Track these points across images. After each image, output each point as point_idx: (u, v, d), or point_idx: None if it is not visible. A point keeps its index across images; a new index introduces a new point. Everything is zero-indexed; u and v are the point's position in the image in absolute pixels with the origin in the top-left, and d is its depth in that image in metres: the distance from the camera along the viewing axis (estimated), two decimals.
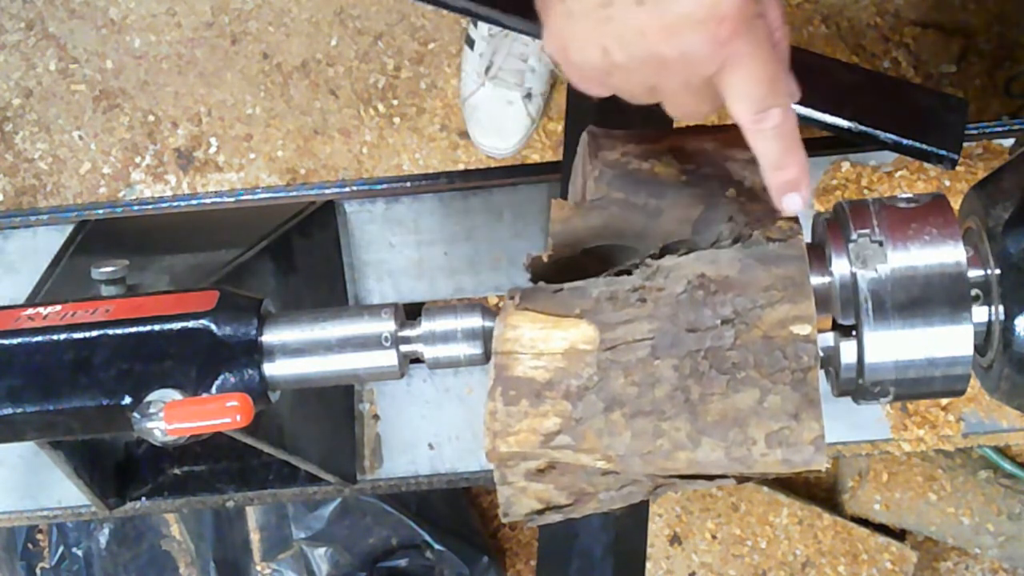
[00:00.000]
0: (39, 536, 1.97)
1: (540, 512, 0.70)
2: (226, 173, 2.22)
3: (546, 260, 0.73)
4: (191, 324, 0.74)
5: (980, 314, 0.71)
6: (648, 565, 1.71)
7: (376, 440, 1.31)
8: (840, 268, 0.70)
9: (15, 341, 0.75)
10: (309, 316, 0.76)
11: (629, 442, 0.65)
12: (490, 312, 0.75)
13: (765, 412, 0.64)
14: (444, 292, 1.31)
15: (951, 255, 0.69)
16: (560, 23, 0.63)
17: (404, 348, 0.75)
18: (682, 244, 0.70)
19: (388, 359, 0.75)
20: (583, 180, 0.77)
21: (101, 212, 1.31)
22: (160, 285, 1.05)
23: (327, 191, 1.30)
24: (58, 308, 0.77)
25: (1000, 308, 0.71)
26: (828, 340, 0.71)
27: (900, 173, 1.26)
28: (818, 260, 0.71)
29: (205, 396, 0.72)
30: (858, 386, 0.71)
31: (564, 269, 0.72)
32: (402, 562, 1.89)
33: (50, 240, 1.29)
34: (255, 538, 1.89)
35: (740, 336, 0.65)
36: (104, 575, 1.93)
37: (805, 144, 0.67)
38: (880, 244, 0.69)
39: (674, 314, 0.66)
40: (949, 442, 1.26)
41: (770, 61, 0.63)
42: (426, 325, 0.75)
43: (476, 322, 0.74)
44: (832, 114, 1.12)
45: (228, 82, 2.24)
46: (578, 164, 0.79)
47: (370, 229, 1.31)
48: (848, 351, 0.71)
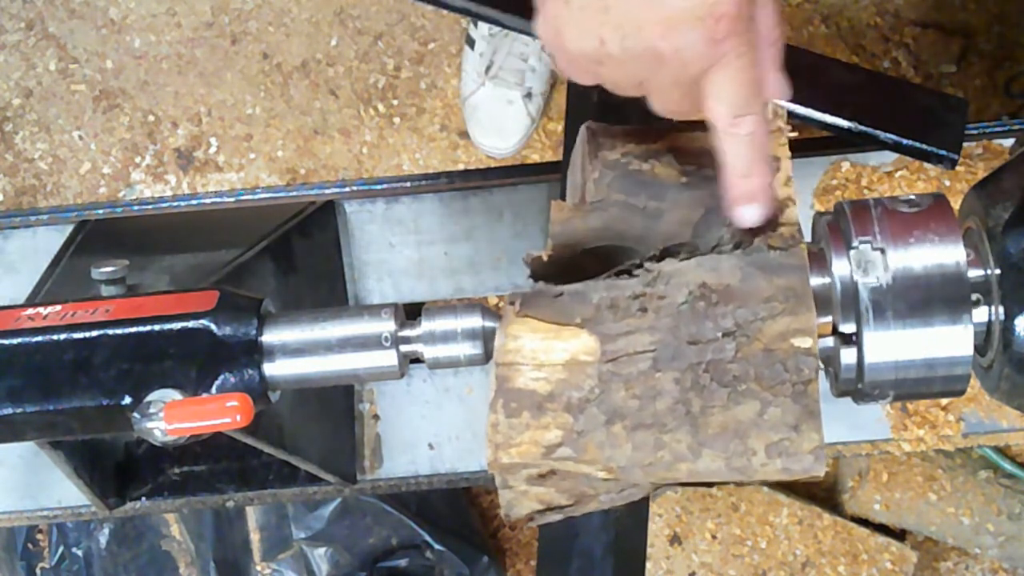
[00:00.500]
0: (39, 536, 1.97)
1: (541, 512, 0.70)
2: (226, 173, 2.22)
3: (546, 259, 0.72)
4: (191, 324, 0.74)
5: (980, 314, 0.71)
6: (648, 565, 1.71)
7: (376, 440, 1.31)
8: (840, 270, 0.70)
9: (15, 341, 0.75)
10: (309, 316, 0.76)
11: (630, 454, 0.65)
12: (490, 312, 0.75)
13: (765, 424, 0.64)
14: (444, 292, 1.31)
15: (952, 260, 0.69)
16: (556, 9, 0.63)
17: (404, 348, 0.75)
18: (683, 247, 0.70)
19: (388, 359, 0.75)
20: (583, 179, 0.76)
21: (101, 212, 1.31)
22: (160, 285, 1.05)
23: (327, 191, 1.30)
24: (58, 308, 0.77)
25: (1000, 308, 0.71)
26: (828, 342, 0.71)
27: (900, 173, 1.26)
28: (818, 263, 0.71)
29: (205, 396, 0.72)
30: (858, 389, 0.71)
31: (564, 268, 0.72)
32: (402, 562, 1.89)
33: (50, 240, 1.29)
34: (255, 538, 1.89)
35: (741, 349, 0.65)
36: (104, 575, 1.93)
37: (805, 144, 0.67)
38: (882, 252, 0.69)
39: (675, 326, 0.66)
40: (949, 442, 1.26)
41: (754, 67, 0.63)
42: (426, 325, 0.75)
43: (476, 322, 0.74)
44: (832, 114, 1.11)
45: (228, 82, 2.24)
46: (576, 158, 0.79)
47: (370, 229, 1.31)
48: (848, 354, 0.71)
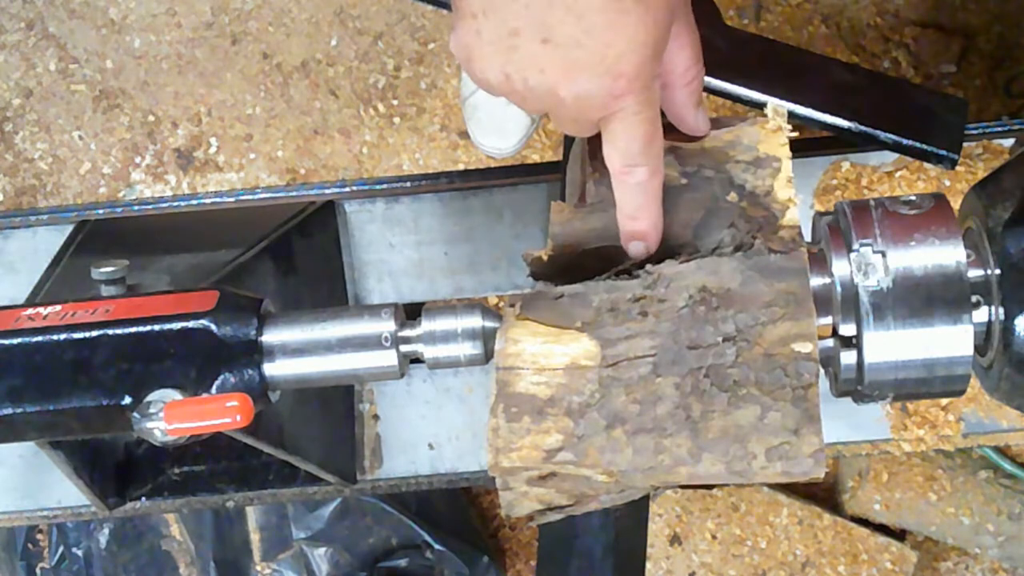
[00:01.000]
0: (39, 536, 1.97)
1: (541, 512, 0.70)
2: (226, 173, 2.22)
3: (545, 259, 0.72)
4: (191, 324, 0.74)
5: (980, 314, 0.71)
6: (648, 565, 1.70)
7: (376, 440, 1.31)
8: (840, 271, 0.70)
9: (15, 341, 0.75)
10: (309, 316, 0.76)
11: (631, 458, 0.65)
12: (490, 312, 0.75)
13: (765, 428, 0.64)
14: (444, 292, 1.31)
15: (952, 261, 0.69)
16: (469, 38, 0.65)
17: (404, 348, 0.75)
18: (683, 248, 0.70)
19: (388, 359, 0.75)
20: (582, 178, 0.76)
21: (101, 212, 1.31)
22: (160, 285, 1.04)
23: (327, 191, 1.30)
24: (58, 308, 0.77)
25: (1000, 308, 0.71)
26: (828, 343, 0.71)
27: (900, 173, 1.26)
28: (819, 264, 0.71)
29: (205, 396, 0.72)
30: (857, 389, 0.71)
31: (564, 268, 0.72)
32: (402, 562, 1.89)
33: (50, 240, 1.29)
34: (255, 538, 1.89)
35: (741, 354, 0.65)
36: (104, 575, 1.93)
37: (805, 144, 0.67)
38: (882, 254, 0.69)
39: (676, 330, 0.66)
40: (949, 442, 1.25)
41: (652, 123, 0.66)
42: (426, 325, 0.75)
43: (476, 322, 0.74)
44: (832, 114, 1.11)
45: (228, 82, 2.24)
46: (576, 155, 0.79)
47: (370, 229, 1.31)
48: (848, 355, 0.71)
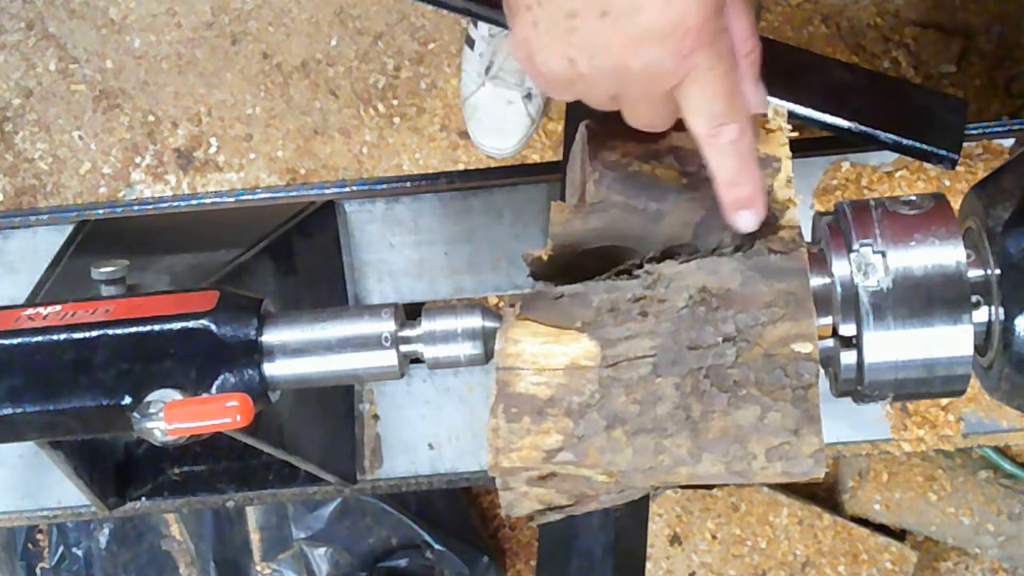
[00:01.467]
0: (39, 536, 1.97)
1: (541, 512, 0.70)
2: (226, 173, 2.22)
3: (545, 259, 0.72)
4: (191, 324, 0.74)
5: (980, 314, 0.71)
6: (648, 565, 1.71)
7: (376, 440, 1.31)
8: (840, 270, 0.70)
9: (15, 341, 0.75)
10: (309, 316, 0.76)
11: (631, 458, 0.65)
12: (490, 312, 0.75)
13: (765, 428, 0.64)
14: (444, 292, 1.31)
15: (952, 262, 0.69)
16: (526, 31, 0.64)
17: (404, 348, 0.75)
18: (683, 248, 0.70)
19: (388, 359, 0.75)
20: (582, 178, 0.76)
21: (101, 212, 1.31)
22: (160, 285, 1.04)
23: (327, 191, 1.30)
24: (58, 308, 0.77)
25: (1000, 308, 0.71)
26: (828, 343, 0.71)
27: (900, 173, 1.26)
28: (819, 264, 0.71)
29: (205, 396, 0.72)
30: (857, 390, 0.71)
31: (564, 267, 0.72)
32: (402, 562, 1.89)
33: (50, 240, 1.29)
34: (255, 538, 1.89)
35: (741, 354, 0.65)
36: (104, 575, 1.93)
37: (805, 144, 0.67)
38: (883, 255, 0.69)
39: (676, 330, 0.66)
40: (949, 442, 1.25)
41: (729, 76, 0.63)
42: (426, 325, 0.75)
43: (476, 322, 0.74)
44: (832, 114, 1.11)
45: (228, 82, 2.24)
46: (576, 154, 0.79)
47: (370, 229, 1.31)
48: (848, 355, 0.71)
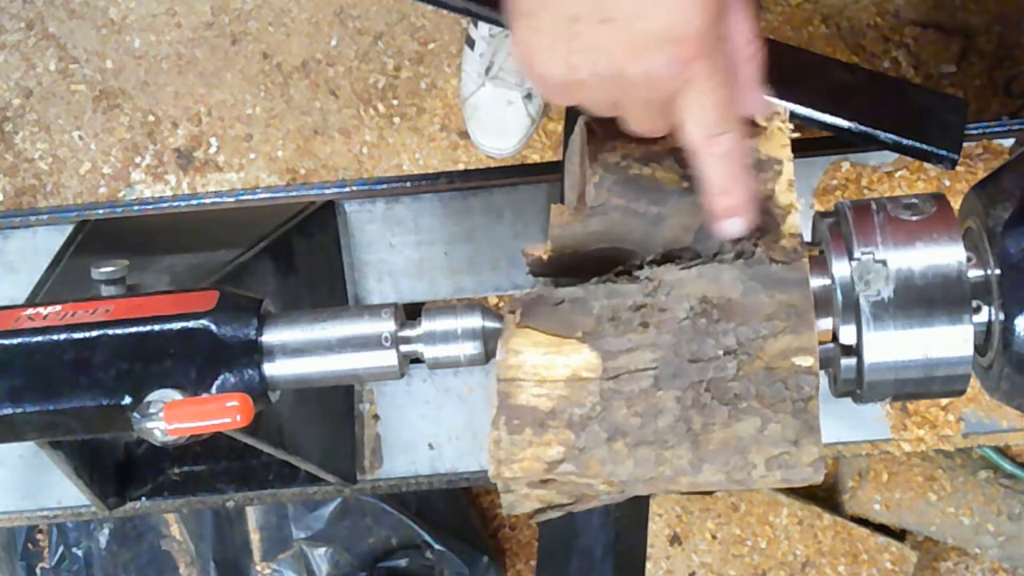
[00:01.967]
0: (39, 536, 1.97)
1: (542, 511, 0.70)
2: (226, 173, 2.22)
3: (545, 259, 0.72)
4: (191, 324, 0.74)
5: (980, 315, 0.71)
6: (648, 565, 1.71)
7: (376, 440, 1.31)
8: (841, 272, 0.70)
9: (15, 341, 0.75)
10: (309, 316, 0.76)
11: (632, 469, 0.66)
12: (490, 312, 0.75)
13: (765, 439, 0.65)
14: (444, 292, 1.31)
15: (953, 264, 0.69)
16: (527, 36, 0.64)
17: (404, 348, 0.75)
18: (684, 252, 0.70)
19: (388, 359, 0.75)
20: (582, 179, 0.76)
21: (101, 212, 1.31)
22: (160, 285, 1.04)
23: (327, 191, 1.30)
24: (58, 308, 0.77)
25: (1000, 308, 0.71)
26: (828, 345, 0.71)
27: (900, 173, 1.26)
28: (819, 267, 0.71)
29: (205, 396, 0.72)
30: (857, 391, 0.71)
31: (564, 266, 0.72)
32: (402, 562, 1.89)
33: (50, 240, 1.29)
34: (255, 538, 1.89)
35: (742, 367, 0.65)
36: (104, 575, 1.93)
37: (805, 144, 0.67)
38: (884, 263, 0.69)
39: (676, 343, 0.66)
40: (949, 442, 1.25)
41: (726, 86, 0.64)
42: (426, 325, 0.74)
43: (476, 322, 0.74)
44: (832, 114, 1.11)
45: (228, 82, 2.24)
46: (575, 152, 0.79)
47: (370, 229, 1.31)
48: (848, 357, 0.71)
